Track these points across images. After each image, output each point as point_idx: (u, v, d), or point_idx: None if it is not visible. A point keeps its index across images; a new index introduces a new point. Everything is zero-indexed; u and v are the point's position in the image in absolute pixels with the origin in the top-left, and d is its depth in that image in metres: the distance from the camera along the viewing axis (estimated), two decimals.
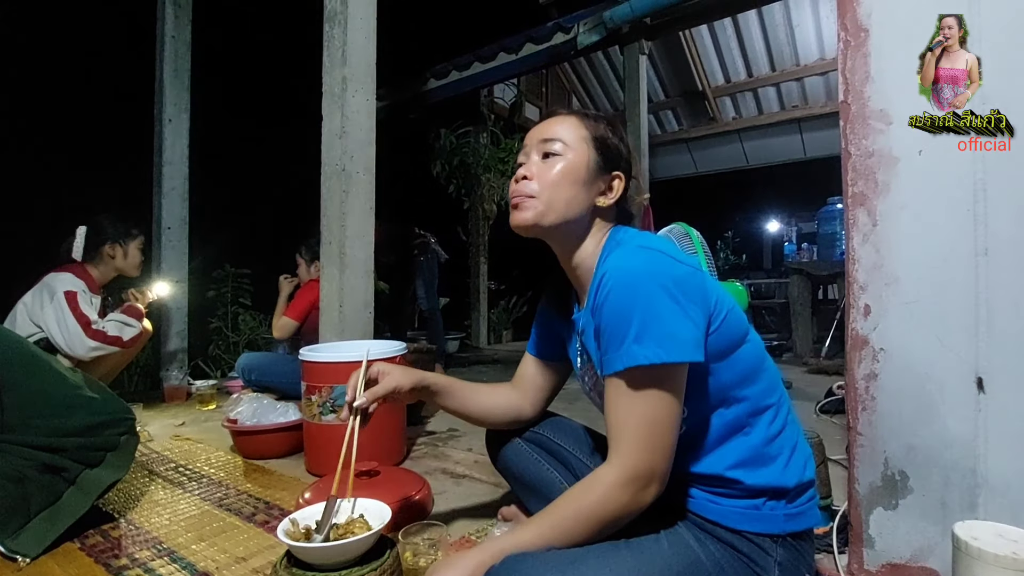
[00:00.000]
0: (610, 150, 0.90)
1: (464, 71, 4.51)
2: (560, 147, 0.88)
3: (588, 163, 0.88)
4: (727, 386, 0.77)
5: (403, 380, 0.97)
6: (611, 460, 0.69)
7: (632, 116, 4.61)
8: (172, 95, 3.12)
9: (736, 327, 0.79)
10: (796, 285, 4.00)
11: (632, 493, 0.68)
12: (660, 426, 0.68)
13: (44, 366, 1.34)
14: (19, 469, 1.20)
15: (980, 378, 0.93)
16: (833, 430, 2.08)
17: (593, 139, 0.89)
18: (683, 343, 0.69)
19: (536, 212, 0.87)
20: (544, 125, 0.91)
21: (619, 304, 0.71)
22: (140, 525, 1.33)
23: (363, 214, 2.08)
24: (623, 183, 0.91)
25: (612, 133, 0.91)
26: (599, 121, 0.91)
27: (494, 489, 1.56)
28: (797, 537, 0.78)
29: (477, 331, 5.61)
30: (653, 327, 0.68)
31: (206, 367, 4.01)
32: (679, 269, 0.73)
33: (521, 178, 0.88)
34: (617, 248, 0.82)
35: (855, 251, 1.03)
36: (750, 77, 5.79)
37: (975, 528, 0.82)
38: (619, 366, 0.69)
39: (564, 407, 1.15)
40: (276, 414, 1.93)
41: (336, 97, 2.06)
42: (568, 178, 0.86)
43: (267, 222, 5.03)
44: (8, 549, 1.13)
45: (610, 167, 0.90)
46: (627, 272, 0.72)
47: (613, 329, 0.71)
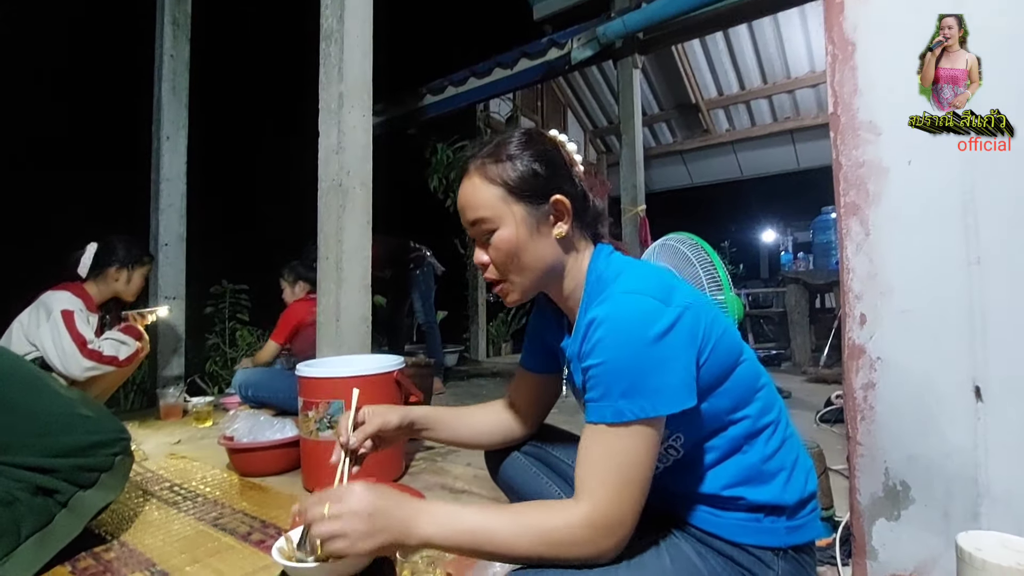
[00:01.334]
0: (530, 180, 0.80)
1: (460, 86, 4.55)
2: (488, 223, 0.81)
3: (521, 219, 0.80)
4: (722, 412, 0.76)
5: (390, 417, 0.95)
6: (580, 501, 0.67)
7: (627, 129, 4.65)
8: (170, 112, 3.14)
9: (728, 352, 0.76)
10: (793, 294, 4.01)
11: (592, 535, 0.65)
12: (635, 478, 0.66)
13: (41, 385, 1.32)
14: (10, 491, 1.17)
15: (978, 387, 0.92)
16: (834, 440, 2.07)
17: (507, 187, 0.80)
18: (672, 395, 0.67)
19: (518, 293, 0.85)
20: (460, 200, 0.85)
21: (606, 357, 0.68)
22: (133, 547, 1.31)
23: (360, 229, 2.08)
24: (567, 200, 0.82)
25: (521, 157, 0.81)
26: (501, 157, 0.81)
27: (494, 504, 1.55)
28: (799, 550, 0.77)
29: (476, 344, 5.60)
30: (640, 382, 0.66)
31: (203, 384, 3.99)
32: (666, 316, 0.69)
33: (481, 265, 0.86)
34: (600, 287, 0.79)
35: (849, 261, 1.04)
36: (742, 90, 5.86)
37: (979, 538, 0.81)
38: (605, 419, 0.67)
39: (564, 420, 1.15)
40: (273, 430, 1.91)
41: (333, 113, 2.08)
42: (516, 249, 0.80)
43: (265, 238, 5.04)
44: None
45: (542, 197, 0.81)
46: (614, 324, 0.68)
47: (600, 379, 0.69)
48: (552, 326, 0.99)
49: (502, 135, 0.85)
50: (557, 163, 0.83)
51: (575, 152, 0.88)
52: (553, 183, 0.82)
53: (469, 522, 0.68)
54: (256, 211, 5.36)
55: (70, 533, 1.21)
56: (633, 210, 4.56)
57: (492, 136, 0.86)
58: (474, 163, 0.83)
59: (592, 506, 0.65)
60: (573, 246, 0.85)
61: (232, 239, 4.88)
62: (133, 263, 2.38)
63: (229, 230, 4.92)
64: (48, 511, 1.22)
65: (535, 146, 0.83)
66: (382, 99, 4.79)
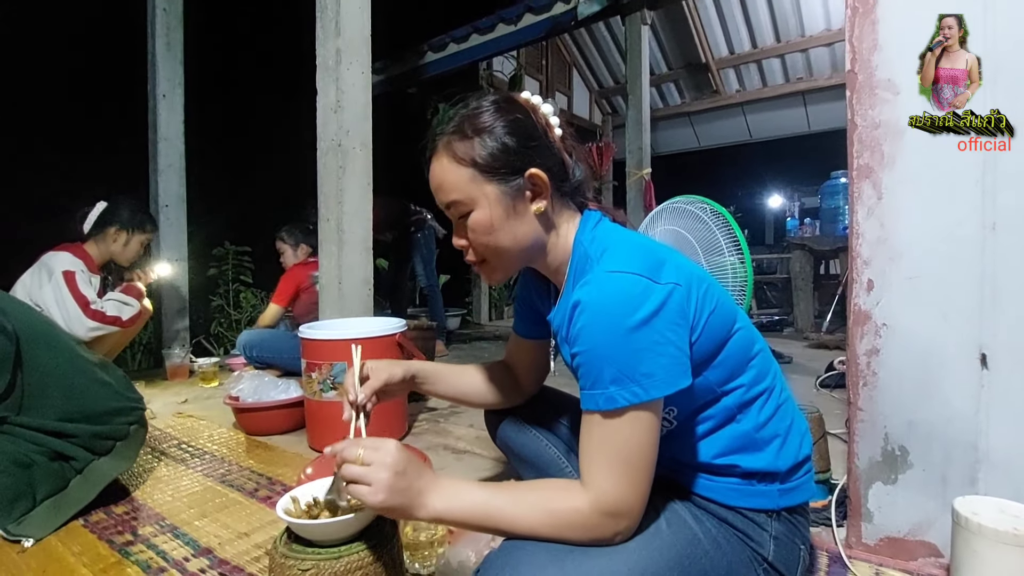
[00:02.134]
0: (500, 157, 0.75)
1: (462, 43, 4.42)
2: (462, 205, 0.77)
3: (495, 199, 0.75)
4: (715, 384, 0.75)
5: (394, 371, 0.96)
6: (587, 487, 0.66)
7: (634, 89, 4.53)
8: (165, 69, 3.06)
9: (721, 325, 0.74)
10: (798, 260, 3.98)
11: (600, 522, 0.65)
12: (637, 462, 0.65)
13: (64, 346, 1.33)
14: (28, 455, 1.20)
15: (984, 354, 0.92)
16: (833, 404, 2.08)
17: (476, 166, 0.75)
18: (665, 377, 0.65)
19: (500, 273, 0.83)
20: (431, 181, 0.80)
21: (593, 343, 0.65)
22: (143, 502, 1.34)
23: (361, 191, 2.05)
24: (543, 173, 0.76)
25: (491, 131, 0.75)
26: (468, 132, 0.75)
27: (495, 464, 1.57)
28: (793, 511, 0.78)
29: (478, 307, 5.61)
30: (630, 368, 0.64)
31: (208, 345, 4.03)
32: (654, 296, 0.65)
33: (460, 248, 0.83)
34: (585, 265, 0.75)
35: (859, 225, 1.01)
36: (754, 48, 5.67)
37: (975, 503, 0.82)
38: (598, 406, 0.66)
39: (565, 383, 1.15)
40: (277, 391, 1.93)
41: (330, 70, 2.01)
42: (492, 229, 0.76)
43: (266, 199, 4.99)
44: (11, 534, 1.13)
45: (516, 172, 0.75)
46: (597, 309, 0.65)
47: (588, 367, 0.66)
48: (541, 294, 0.98)
49: (469, 106, 0.79)
50: (530, 133, 0.77)
51: (551, 115, 0.81)
52: (526, 156, 0.76)
53: (479, 502, 0.68)
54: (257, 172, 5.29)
55: (83, 500, 1.24)
56: (638, 173, 4.48)
57: (459, 107, 0.79)
58: (441, 140, 0.78)
59: (598, 494, 0.65)
60: (554, 220, 0.80)
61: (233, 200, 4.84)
62: (134, 227, 2.36)
63: (230, 191, 4.87)
64: (64, 477, 1.25)
65: (504, 116, 0.76)
66: (382, 56, 4.66)
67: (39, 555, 1.09)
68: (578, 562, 0.63)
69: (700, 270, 0.77)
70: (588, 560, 0.64)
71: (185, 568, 1.05)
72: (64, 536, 1.17)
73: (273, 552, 0.80)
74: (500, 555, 0.66)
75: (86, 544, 1.14)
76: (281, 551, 0.79)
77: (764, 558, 0.74)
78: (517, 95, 0.81)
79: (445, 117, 0.80)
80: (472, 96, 0.81)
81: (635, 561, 0.66)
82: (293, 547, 0.79)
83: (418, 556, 1.00)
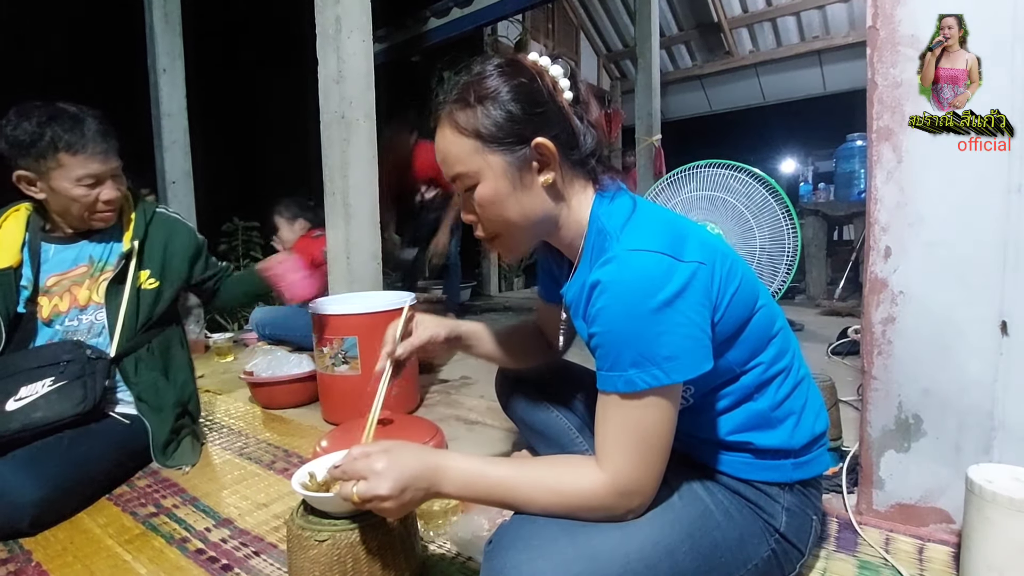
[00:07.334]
0: (504, 126, 0.71)
1: (465, 7, 4.30)
2: (467, 178, 0.74)
3: (500, 171, 0.72)
4: (735, 363, 0.74)
5: (438, 330, 0.96)
6: (603, 466, 0.65)
7: (643, 51, 4.40)
8: (164, 42, 3.00)
9: (744, 304, 0.72)
10: (811, 226, 3.91)
11: (615, 502, 0.65)
12: (655, 444, 0.65)
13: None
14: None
15: (1004, 321, 0.90)
16: (845, 371, 2.07)
17: (480, 137, 0.71)
18: (687, 361, 0.63)
19: (514, 250, 0.81)
20: (436, 154, 0.77)
21: (613, 324, 0.63)
22: (165, 476, 1.38)
23: (366, 163, 2.03)
24: (550, 143, 0.72)
25: (494, 99, 0.71)
26: (470, 100, 0.72)
27: (507, 435, 1.59)
28: (806, 484, 0.78)
29: (488, 279, 5.61)
30: (651, 351, 0.62)
31: (223, 320, 4.07)
32: (677, 275, 0.63)
33: (470, 223, 0.80)
34: (603, 242, 0.72)
35: (878, 190, 0.98)
36: (768, 6, 5.47)
37: (990, 471, 0.82)
38: (618, 390, 0.64)
39: (575, 354, 1.15)
40: (290, 365, 1.96)
41: (331, 39, 1.97)
42: (498, 205, 0.74)
43: (272, 173, 4.96)
44: (166, 466, 1.40)
45: (522, 142, 0.71)
46: (619, 290, 0.63)
47: (607, 348, 0.65)
48: (557, 263, 0.97)
49: (472, 71, 0.75)
50: (537, 98, 0.72)
51: (561, 76, 0.76)
52: (533, 124, 0.71)
53: (492, 483, 0.68)
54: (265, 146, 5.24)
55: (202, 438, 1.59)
56: (648, 140, 4.39)
57: (463, 74, 0.76)
58: (443, 110, 0.75)
59: (613, 474, 0.65)
60: (564, 192, 0.76)
61: (240, 175, 4.81)
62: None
63: (238, 166, 4.83)
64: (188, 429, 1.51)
65: (509, 81, 0.72)
66: (383, 24, 4.55)
67: (67, 528, 1.13)
68: (590, 535, 0.64)
69: (723, 245, 0.75)
70: (600, 533, 0.64)
71: (207, 538, 1.08)
72: (90, 508, 1.20)
73: (290, 523, 0.82)
74: (512, 527, 0.67)
75: (111, 516, 1.17)
76: (298, 523, 0.80)
77: (776, 529, 0.75)
78: (523, 57, 0.77)
79: (448, 85, 0.77)
80: (476, 60, 0.77)
81: (647, 533, 0.66)
82: (309, 519, 0.81)
83: (432, 525, 1.02)
